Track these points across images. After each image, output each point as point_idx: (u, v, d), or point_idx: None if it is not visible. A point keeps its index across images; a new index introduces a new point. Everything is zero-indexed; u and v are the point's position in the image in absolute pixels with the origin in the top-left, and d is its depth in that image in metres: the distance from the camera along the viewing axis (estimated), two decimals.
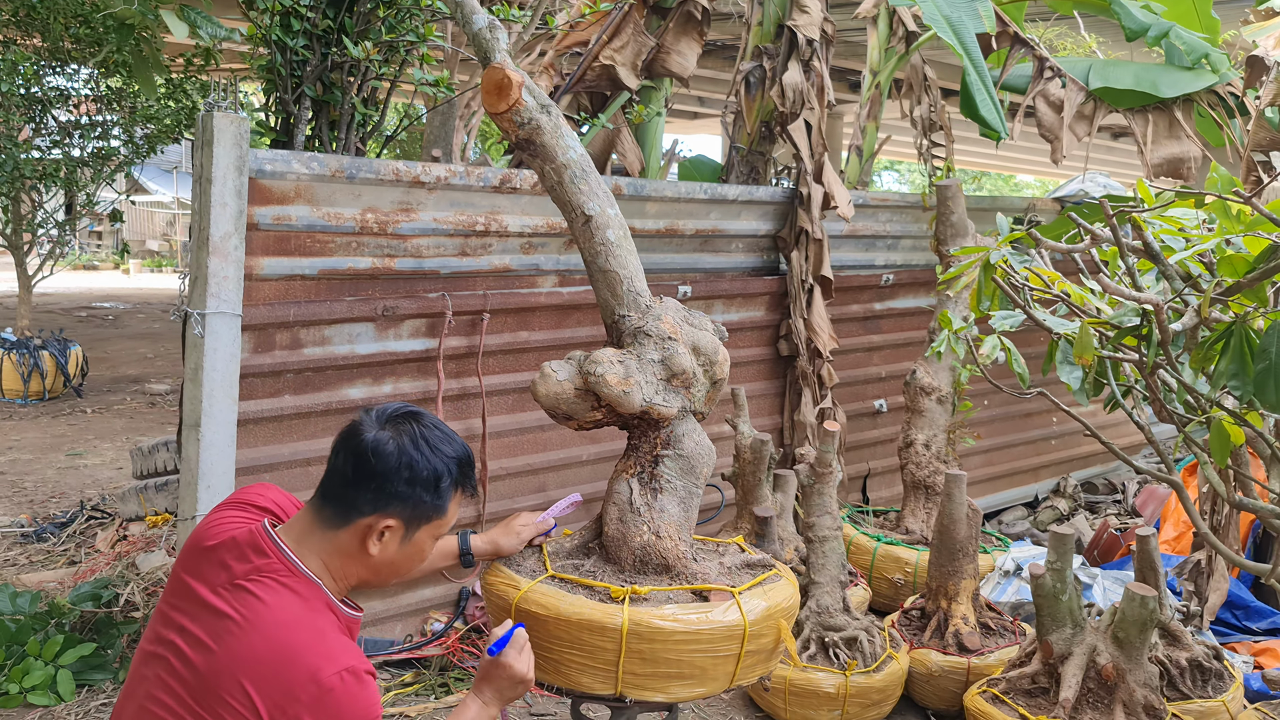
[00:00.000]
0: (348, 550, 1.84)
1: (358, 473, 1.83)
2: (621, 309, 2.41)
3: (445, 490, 1.89)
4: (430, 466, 1.86)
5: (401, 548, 1.88)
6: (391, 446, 1.84)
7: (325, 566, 1.83)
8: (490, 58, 2.37)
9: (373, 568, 1.88)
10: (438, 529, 1.93)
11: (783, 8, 5.01)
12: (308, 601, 1.76)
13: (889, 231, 5.49)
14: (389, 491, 1.83)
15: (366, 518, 1.83)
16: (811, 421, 4.94)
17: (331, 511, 1.84)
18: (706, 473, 2.41)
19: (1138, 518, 6.07)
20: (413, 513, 1.86)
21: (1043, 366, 2.77)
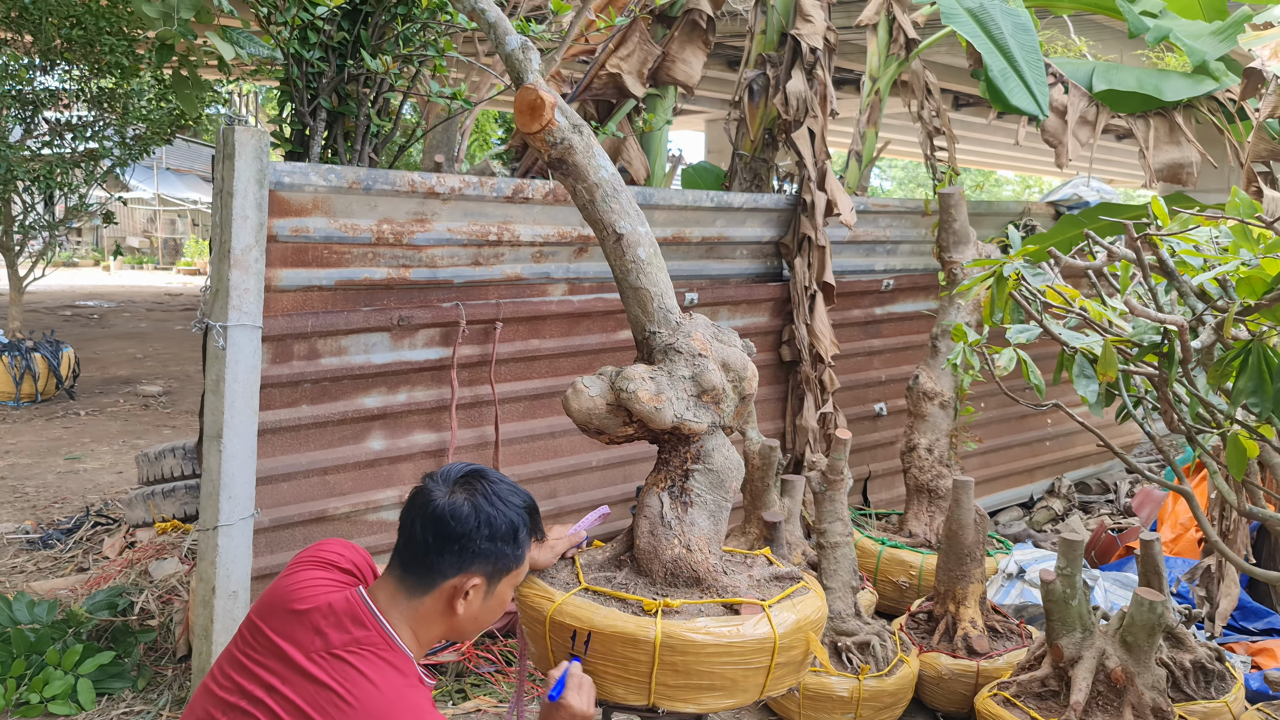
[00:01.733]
0: (432, 615, 1.90)
1: (439, 538, 1.87)
2: (652, 325, 2.45)
3: (523, 540, 1.96)
4: (507, 520, 1.92)
5: (485, 602, 1.94)
6: (468, 509, 1.89)
7: (413, 634, 1.89)
8: (523, 78, 2.41)
9: (457, 627, 1.94)
10: (517, 578, 2.00)
11: (786, 16, 5.06)
12: (406, 678, 1.80)
13: (889, 237, 5.55)
14: (472, 551, 1.89)
15: (451, 580, 1.88)
16: (814, 426, 4.99)
17: (415, 580, 1.88)
18: (735, 486, 2.46)
19: (1131, 518, 6.16)
20: (495, 567, 1.92)
21: (1054, 377, 2.83)
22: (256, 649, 1.80)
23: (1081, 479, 6.95)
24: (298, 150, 3.76)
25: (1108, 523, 5.92)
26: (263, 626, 1.82)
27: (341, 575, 1.93)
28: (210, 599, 3.32)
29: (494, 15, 2.53)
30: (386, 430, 3.83)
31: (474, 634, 2.01)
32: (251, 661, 1.79)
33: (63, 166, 8.71)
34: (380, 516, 3.80)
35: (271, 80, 3.55)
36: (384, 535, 3.79)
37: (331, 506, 3.68)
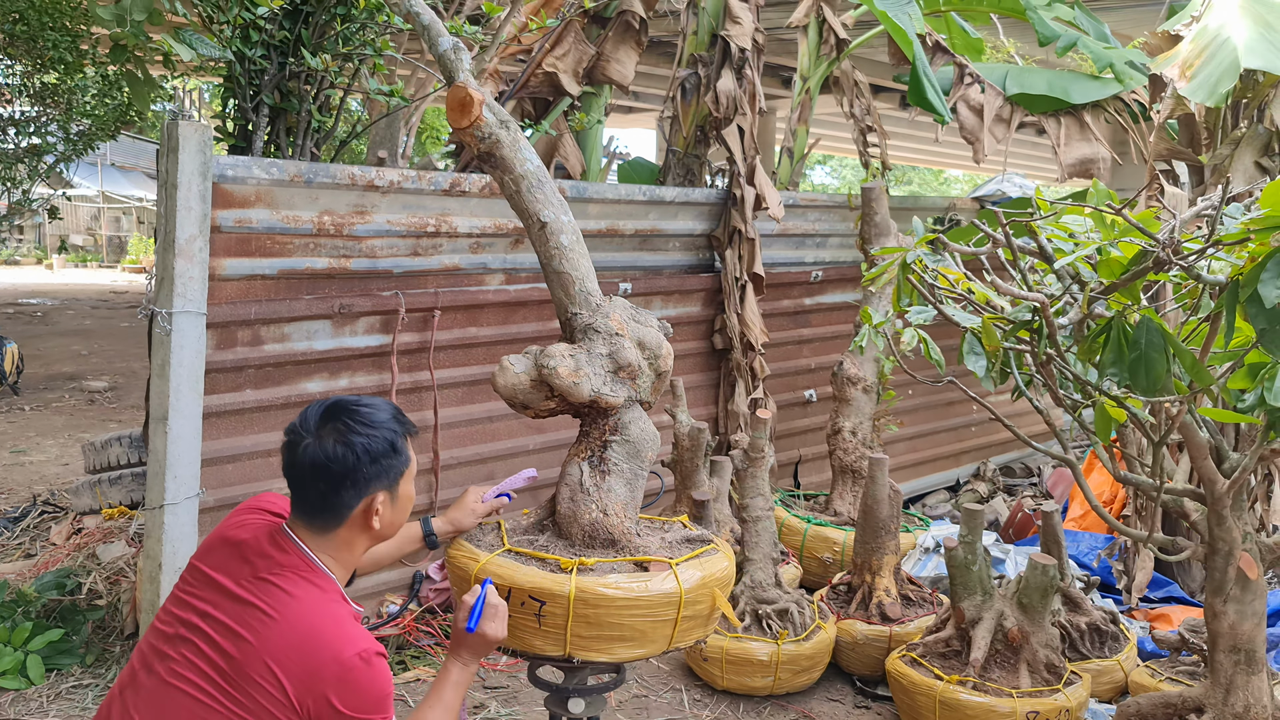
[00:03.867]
0: (352, 538, 2.08)
1: (330, 483, 2.02)
2: (574, 307, 2.64)
3: (401, 447, 2.11)
4: (381, 440, 2.06)
5: (395, 508, 2.12)
6: (342, 449, 2.01)
7: (335, 559, 2.06)
8: (454, 77, 2.58)
9: (377, 536, 2.13)
10: (411, 474, 2.17)
11: (716, 18, 5.27)
12: (326, 594, 1.99)
13: (818, 230, 5.78)
14: (364, 479, 2.04)
15: (358, 508, 2.05)
16: (744, 411, 5.21)
17: (325, 521, 2.04)
18: (651, 456, 2.65)
19: (1051, 499, 6.46)
20: (390, 480, 2.09)
21: (958, 357, 3.06)
22: (194, 585, 1.98)
23: (1006, 463, 7.25)
24: (241, 145, 3.89)
25: (1027, 503, 6.21)
26: (200, 566, 2.01)
27: (273, 517, 2.11)
28: (157, 575, 3.46)
29: (428, 18, 2.70)
30: None
31: (392, 531, 2.18)
32: (190, 596, 1.97)
33: (5, 162, 8.70)
34: None
35: (215, 77, 3.68)
36: None
37: (276, 487, 3.81)
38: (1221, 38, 4.03)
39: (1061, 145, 5.51)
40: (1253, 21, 3.99)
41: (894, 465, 5.94)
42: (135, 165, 26.80)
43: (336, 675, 1.87)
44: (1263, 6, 4.13)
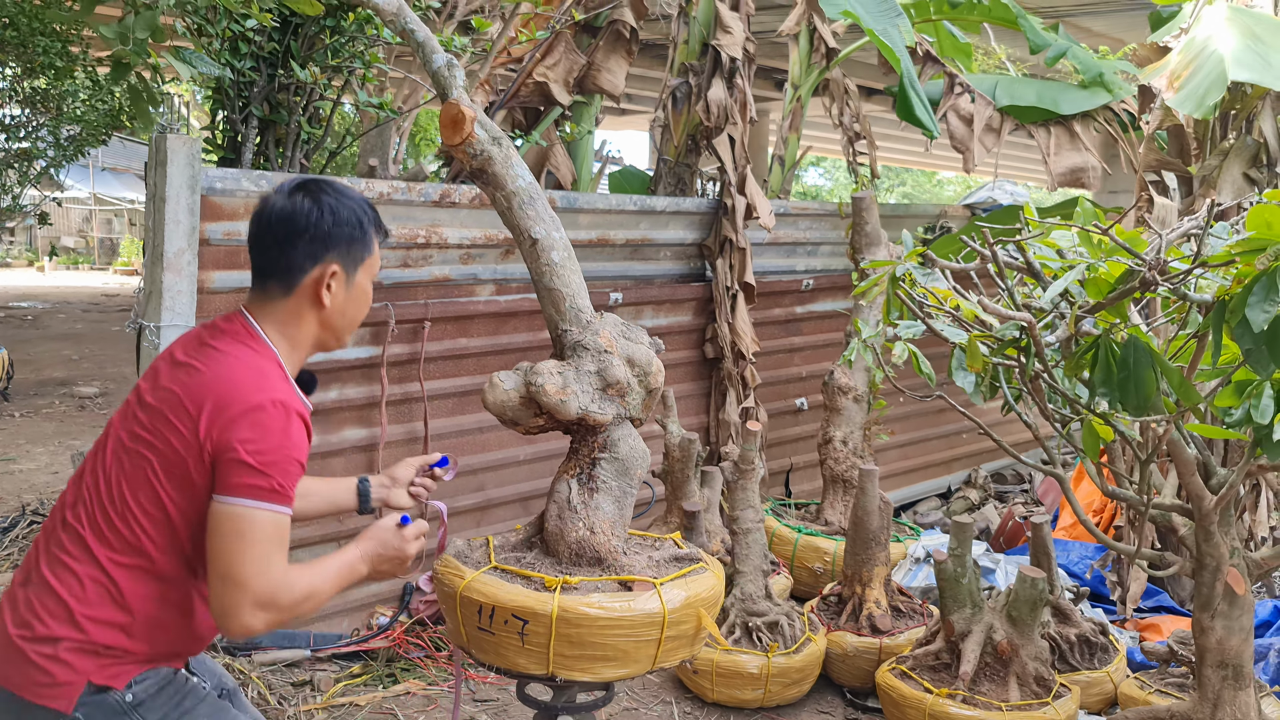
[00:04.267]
0: (300, 311, 2.01)
1: (289, 234, 1.98)
2: (564, 324, 2.64)
3: (366, 227, 2.06)
4: (348, 209, 2.02)
5: (349, 293, 2.05)
6: (309, 203, 1.99)
7: (281, 333, 2.01)
8: (448, 93, 2.59)
9: (327, 321, 2.04)
10: (371, 268, 2.10)
11: (708, 27, 5.27)
12: (260, 355, 1.96)
13: (809, 238, 5.79)
14: (323, 238, 1.98)
15: (311, 273, 1.99)
16: (735, 420, 5.21)
17: (277, 284, 2.00)
18: (641, 474, 2.65)
19: (1042, 506, 6.47)
20: (349, 253, 2.02)
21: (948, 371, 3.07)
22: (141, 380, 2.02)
23: (998, 470, 7.26)
24: (230, 157, 3.89)
25: (1018, 510, 6.22)
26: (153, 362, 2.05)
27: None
28: None
29: (422, 35, 2.70)
30: (318, 426, 3.96)
31: (345, 331, 2.11)
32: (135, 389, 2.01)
33: None
34: None
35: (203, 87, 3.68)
36: (314, 528, 3.93)
37: None
38: (1209, 50, 4.05)
39: (1051, 155, 5.53)
40: (1240, 33, 4.01)
41: (885, 472, 5.95)
42: (127, 167, 26.69)
43: (242, 413, 1.84)
44: (1250, 18, 4.15)
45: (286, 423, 1.88)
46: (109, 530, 1.89)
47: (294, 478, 1.89)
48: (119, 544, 1.89)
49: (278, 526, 1.86)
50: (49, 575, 1.90)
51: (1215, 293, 2.29)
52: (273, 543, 1.85)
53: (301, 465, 1.92)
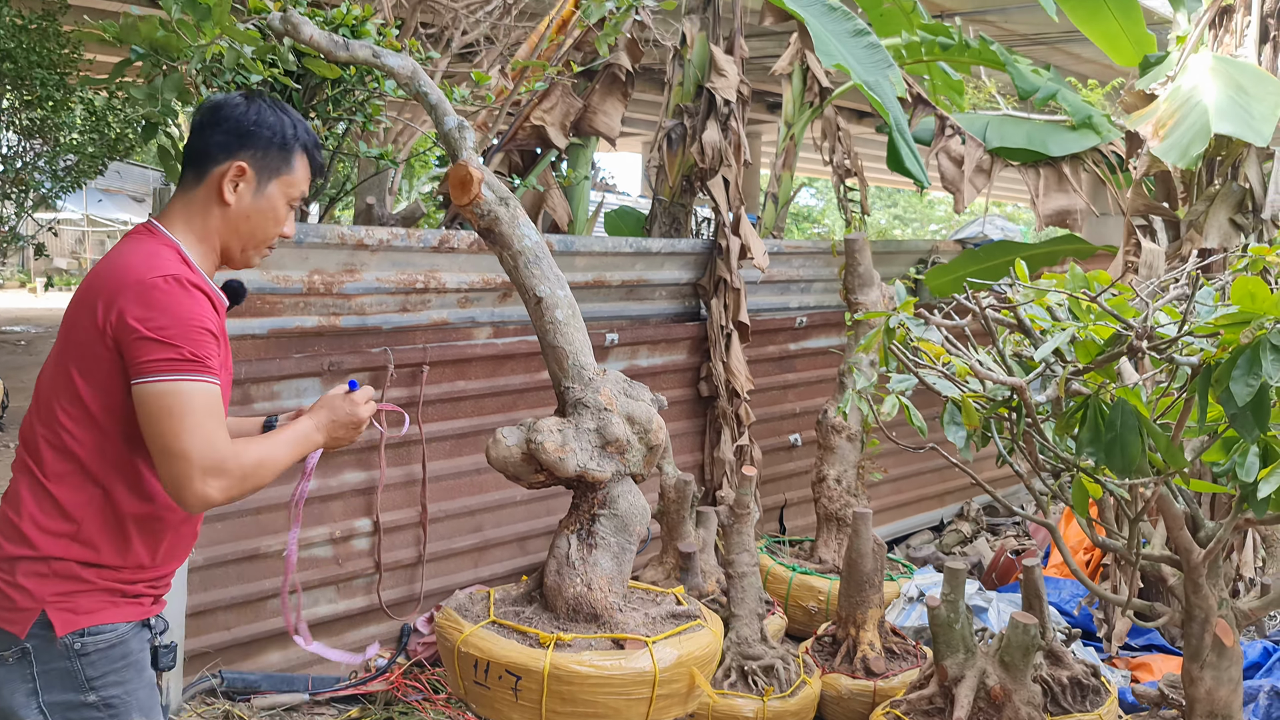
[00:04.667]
0: (206, 204, 2.00)
1: (211, 121, 2.01)
2: (567, 381, 2.69)
3: (291, 143, 2.06)
4: (278, 119, 2.05)
5: (255, 200, 2.03)
6: (239, 99, 2.04)
7: (188, 227, 2.00)
8: (458, 154, 2.65)
9: (230, 221, 2.02)
10: (288, 187, 2.08)
11: (702, 70, 5.34)
12: (156, 241, 1.97)
13: (802, 276, 5.85)
14: (239, 132, 2.00)
15: (220, 165, 1.99)
16: (730, 459, 5.26)
17: (191, 172, 2.02)
18: (640, 530, 2.69)
19: (1032, 540, 6.52)
20: (263, 159, 2.02)
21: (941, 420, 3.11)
22: None
23: (990, 503, 7.31)
24: None
25: (1010, 545, 6.27)
26: None
27: None
28: None
29: (435, 97, 2.76)
30: (318, 470, 3.99)
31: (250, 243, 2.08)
32: None
33: None
34: (311, 554, 3.97)
35: None
36: (315, 571, 3.97)
37: (264, 545, 3.85)
38: (1194, 100, 4.13)
39: (1040, 196, 5.61)
40: (1224, 85, 4.09)
41: (878, 506, 5.99)
42: (120, 189, 26.73)
43: (135, 293, 1.84)
44: (1235, 69, 4.23)
45: (183, 294, 1.85)
46: (44, 445, 1.92)
47: (206, 346, 1.86)
48: (51, 455, 1.92)
49: (206, 395, 1.84)
50: (1, 503, 1.97)
51: (1201, 357, 2.35)
52: (204, 412, 1.83)
53: (211, 333, 1.88)
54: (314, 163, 2.14)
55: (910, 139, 5.20)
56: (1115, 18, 5.88)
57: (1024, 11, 12.11)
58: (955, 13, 12.03)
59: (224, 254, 2.07)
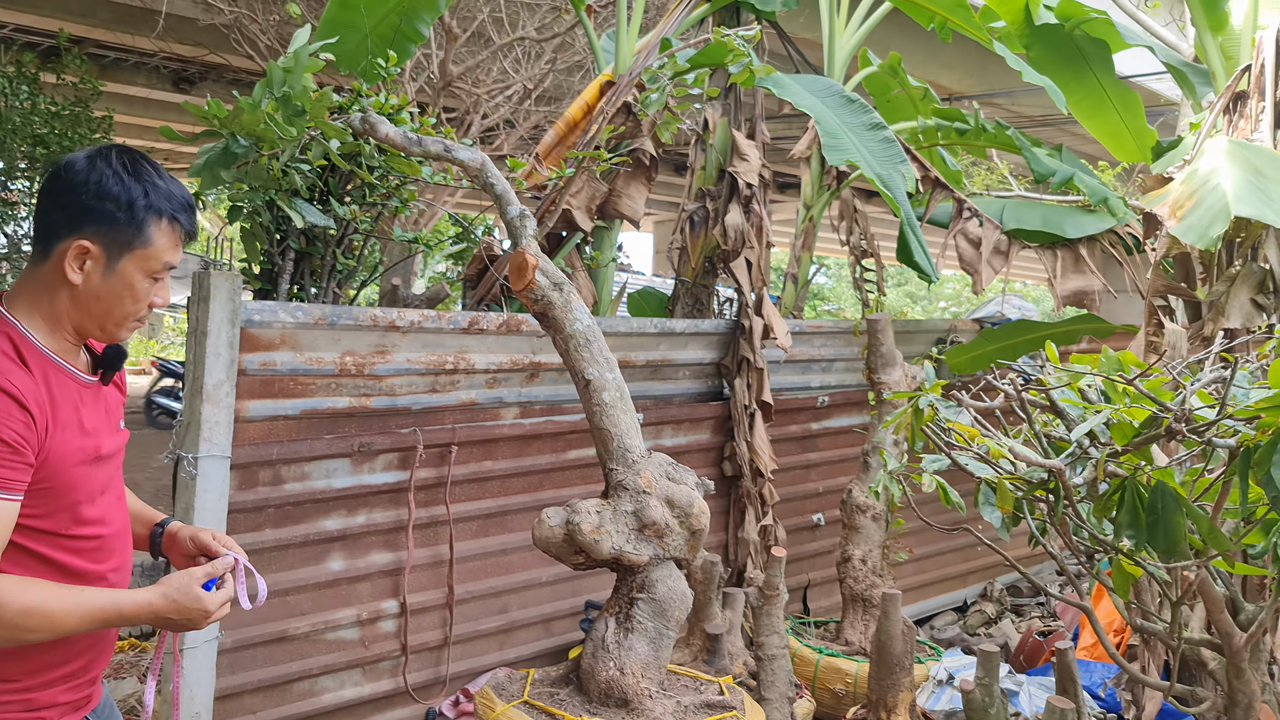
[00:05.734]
0: (52, 282, 1.83)
1: (51, 193, 1.83)
2: (611, 462, 2.71)
3: (141, 211, 1.85)
4: (123, 188, 1.83)
5: (105, 279, 1.85)
6: (83, 164, 1.83)
7: (34, 307, 1.84)
8: (518, 241, 2.73)
9: (80, 302, 1.85)
10: (144, 260, 1.87)
11: (724, 154, 5.45)
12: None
13: (824, 355, 5.89)
14: (79, 207, 1.81)
15: (63, 241, 1.81)
16: (755, 539, 5.24)
17: (38, 247, 1.84)
18: (679, 616, 2.69)
19: (1059, 621, 6.44)
20: (110, 235, 1.83)
21: (974, 499, 3.11)
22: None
23: (1013, 582, 7.23)
24: (266, 287, 4.00)
25: (1037, 626, 6.19)
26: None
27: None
28: (170, 718, 3.45)
29: (501, 188, 2.86)
30: (346, 551, 4.00)
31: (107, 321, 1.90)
32: None
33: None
34: (339, 635, 3.95)
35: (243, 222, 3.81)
36: (343, 653, 3.94)
37: (292, 626, 3.83)
38: (1212, 183, 4.19)
39: (1058, 277, 5.67)
40: (1241, 168, 4.15)
41: (901, 587, 5.94)
42: None
43: None
44: (1251, 153, 4.30)
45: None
46: None
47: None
48: None
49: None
50: None
51: (1239, 439, 2.36)
52: None
53: (9, 445, 1.71)
54: (182, 229, 1.93)
55: (919, 233, 5.28)
56: (1118, 112, 6.00)
57: (1030, 95, 12.36)
58: (962, 96, 12.29)
59: (79, 332, 1.90)
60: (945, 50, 11.71)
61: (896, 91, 6.93)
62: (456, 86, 8.60)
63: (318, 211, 3.46)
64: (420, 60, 8.74)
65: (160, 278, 1.92)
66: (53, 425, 1.79)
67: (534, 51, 9.17)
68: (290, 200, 3.21)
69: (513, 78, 9.05)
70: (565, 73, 9.51)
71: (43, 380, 1.80)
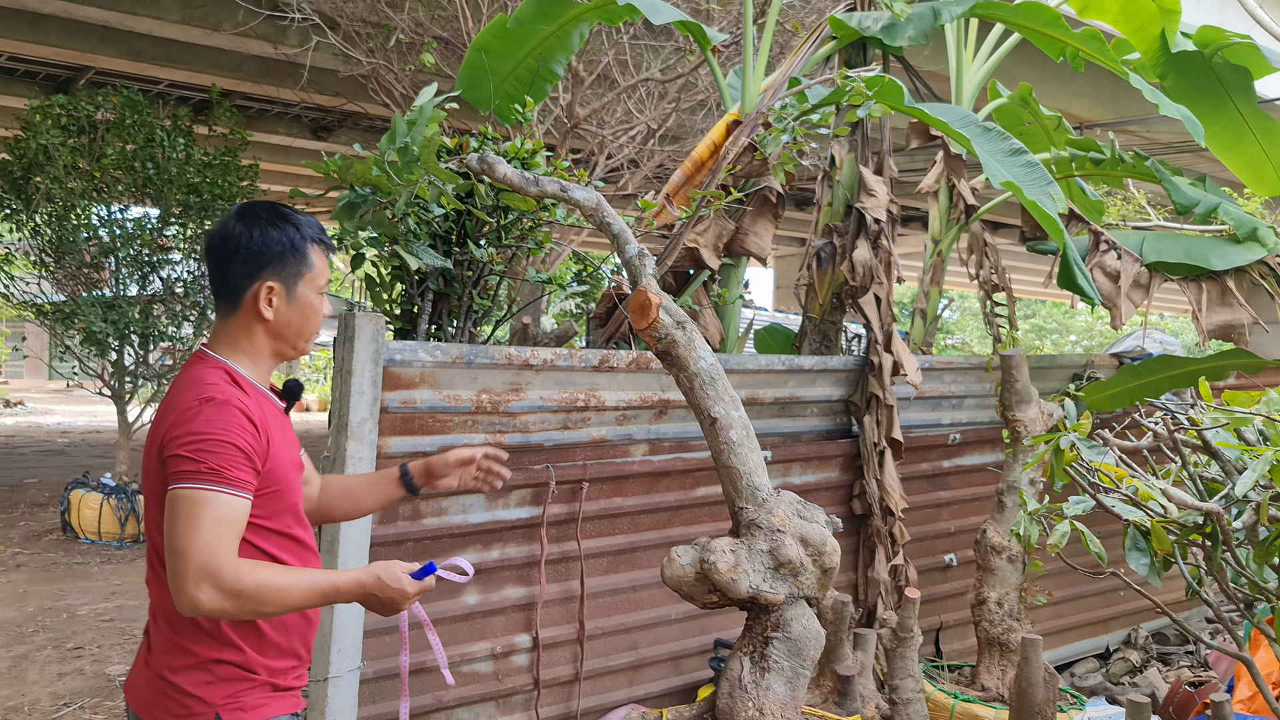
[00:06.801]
0: (248, 324, 2.21)
1: (224, 257, 2.20)
2: (741, 501, 2.72)
3: (301, 245, 2.23)
4: (279, 230, 2.21)
5: (291, 306, 2.23)
6: (239, 226, 2.20)
7: (235, 348, 2.21)
8: (638, 280, 2.78)
9: (275, 332, 2.23)
10: (313, 282, 2.26)
11: (851, 190, 5.43)
12: (204, 367, 2.17)
13: (955, 392, 5.77)
14: (252, 258, 2.19)
15: (250, 289, 2.19)
16: (885, 579, 5.15)
17: (225, 305, 2.23)
18: (814, 655, 2.67)
19: (1211, 671, 6.12)
20: (284, 270, 2.21)
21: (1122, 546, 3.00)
22: None
23: (1159, 629, 6.91)
24: (406, 327, 4.15)
25: (1187, 676, 5.91)
26: None
27: None
28: None
29: (617, 227, 2.92)
30: (480, 586, 4.09)
31: (299, 340, 2.27)
32: None
33: (173, 320, 9.37)
34: (474, 669, 4.03)
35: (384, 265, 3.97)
36: (476, 686, 4.02)
37: (429, 658, 3.92)
38: None
39: (1203, 310, 5.44)
40: None
41: (1039, 631, 5.74)
42: None
43: (177, 417, 2.06)
44: None
45: (216, 412, 2.04)
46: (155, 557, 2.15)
47: (230, 459, 2.02)
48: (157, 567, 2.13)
49: (216, 505, 1.98)
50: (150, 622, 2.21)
51: None
52: (212, 520, 1.97)
53: (237, 448, 2.03)
54: (327, 247, 2.32)
55: (1078, 256, 5.14)
56: (1259, 143, 5.74)
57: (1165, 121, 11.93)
58: (1094, 124, 11.95)
59: (279, 356, 2.28)
60: (1075, 79, 11.44)
61: (1029, 123, 6.80)
62: (583, 128, 8.78)
63: (434, 254, 3.58)
64: (547, 103, 8.97)
65: (324, 293, 2.32)
66: (271, 438, 2.14)
67: (658, 92, 9.31)
68: (408, 244, 3.33)
69: (637, 118, 9.20)
70: (689, 112, 9.61)
71: (257, 403, 2.16)
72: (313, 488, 2.58)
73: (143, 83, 12.44)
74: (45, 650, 5.94)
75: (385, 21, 8.79)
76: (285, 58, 10.02)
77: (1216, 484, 2.92)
